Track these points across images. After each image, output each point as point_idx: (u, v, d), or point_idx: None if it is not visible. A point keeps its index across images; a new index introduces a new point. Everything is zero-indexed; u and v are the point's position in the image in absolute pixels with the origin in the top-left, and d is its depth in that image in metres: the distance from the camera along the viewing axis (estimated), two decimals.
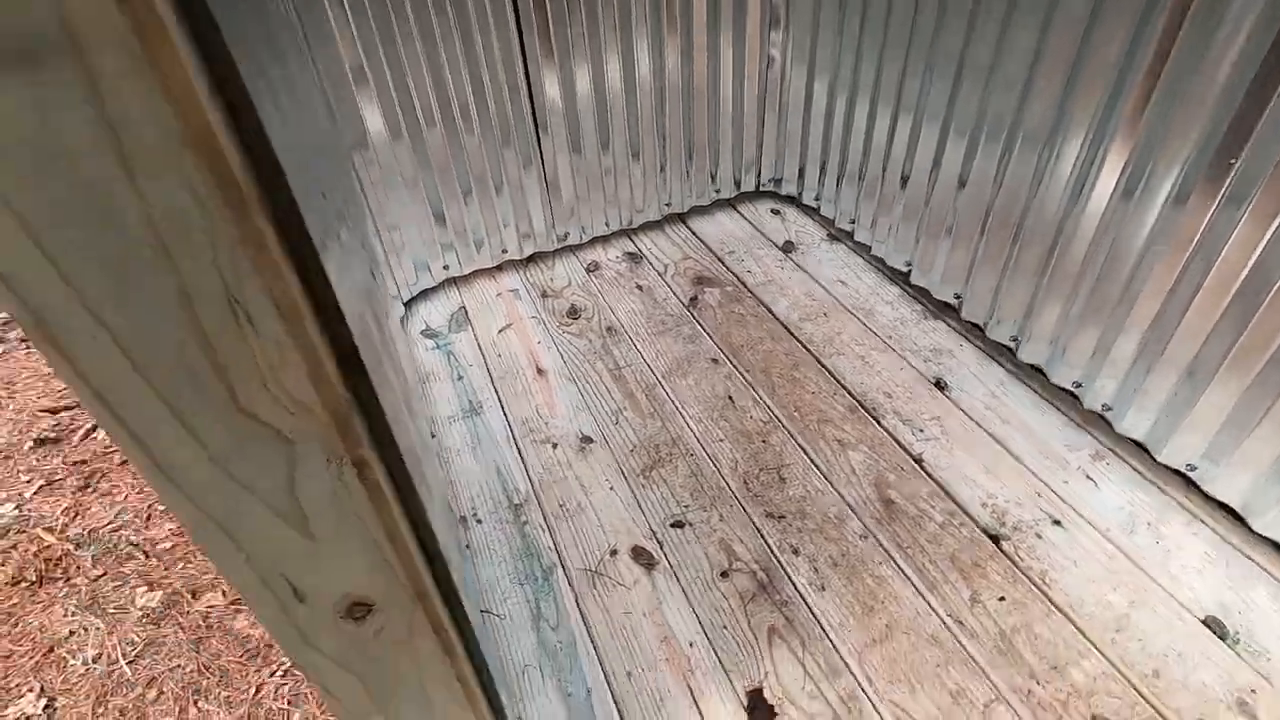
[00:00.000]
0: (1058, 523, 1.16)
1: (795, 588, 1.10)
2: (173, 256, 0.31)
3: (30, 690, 1.42)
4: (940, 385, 1.43)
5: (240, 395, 0.36)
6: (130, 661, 1.45)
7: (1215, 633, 1.00)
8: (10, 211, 0.28)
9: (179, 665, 1.41)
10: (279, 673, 1.34)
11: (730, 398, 1.44)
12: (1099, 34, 1.09)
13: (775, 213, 2.01)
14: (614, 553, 1.18)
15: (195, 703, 1.32)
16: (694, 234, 1.95)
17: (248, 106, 0.31)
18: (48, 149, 0.27)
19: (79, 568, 1.91)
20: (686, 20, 1.65)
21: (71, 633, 1.56)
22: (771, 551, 1.16)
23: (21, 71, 0.25)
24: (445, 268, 1.75)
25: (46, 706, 1.38)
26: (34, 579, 1.77)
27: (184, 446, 0.37)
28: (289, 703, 1.28)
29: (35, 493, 2.08)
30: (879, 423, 1.36)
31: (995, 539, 1.14)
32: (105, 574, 1.91)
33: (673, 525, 1.21)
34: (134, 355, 0.33)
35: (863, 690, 0.97)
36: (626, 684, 1.01)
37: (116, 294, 0.31)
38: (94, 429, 2.34)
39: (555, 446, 1.36)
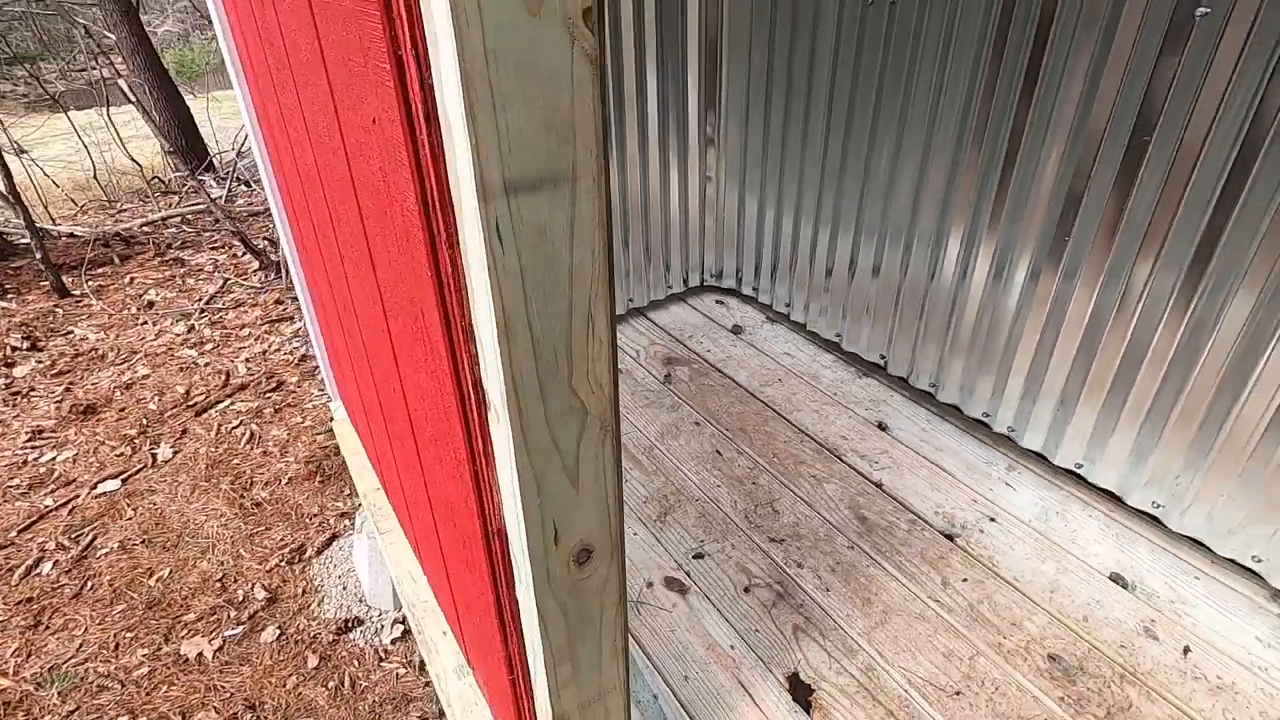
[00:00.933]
0: (993, 519, 1.47)
1: (806, 593, 1.33)
2: (574, 287, 0.54)
3: None
4: (883, 426, 1.76)
5: (574, 377, 0.59)
6: None
7: (1119, 584, 1.32)
8: (521, 274, 0.51)
9: None
10: None
11: (718, 451, 1.70)
12: (964, 161, 1.54)
13: (720, 303, 2.36)
14: (650, 585, 1.37)
15: None
16: (655, 324, 2.26)
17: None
18: (545, 231, 0.51)
19: (45, 708, 1.82)
20: (643, 145, 2.03)
21: None
22: (780, 568, 1.39)
23: (555, 187, 0.49)
24: None
25: None
26: None
27: (536, 407, 0.58)
28: None
29: None
30: (842, 459, 1.66)
31: (950, 537, 1.44)
32: (78, 709, 1.85)
33: (694, 557, 1.42)
34: (536, 339, 0.55)
35: (876, 662, 1.20)
36: (685, 686, 1.18)
37: (544, 309, 0.54)
38: (36, 564, 2.24)
39: None
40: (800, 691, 1.16)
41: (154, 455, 2.74)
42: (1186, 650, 1.20)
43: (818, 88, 1.81)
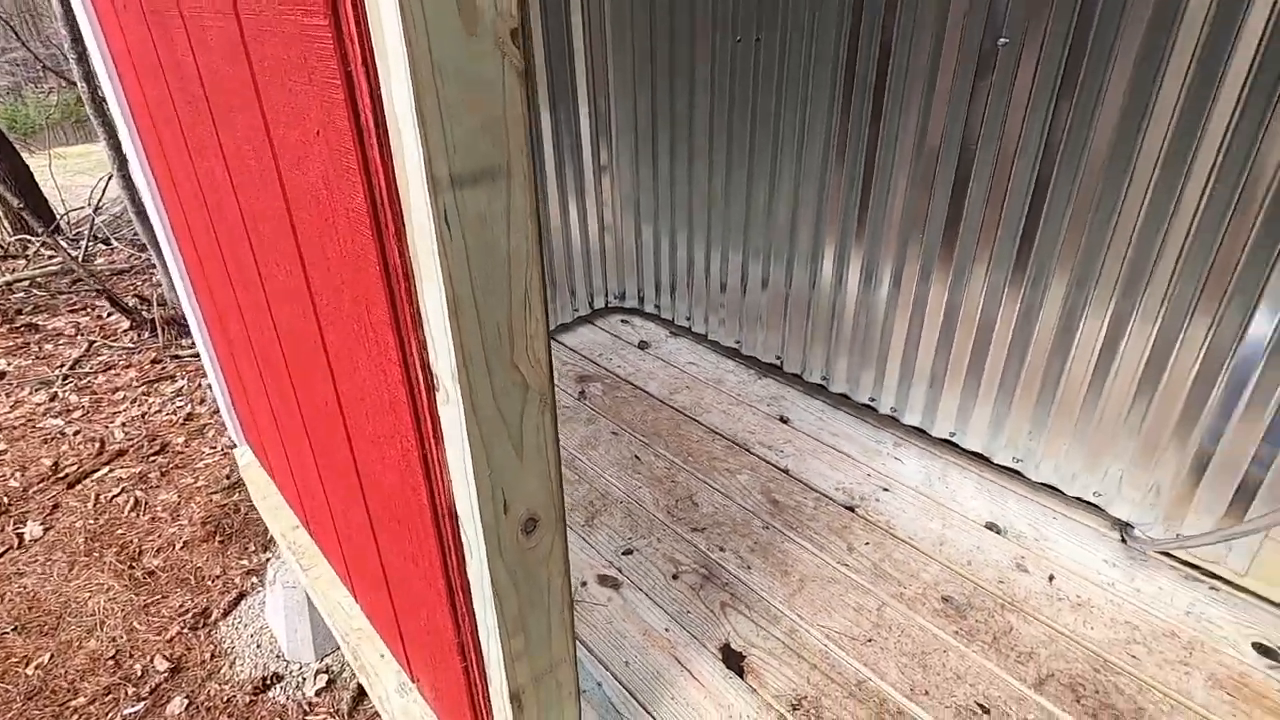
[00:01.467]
0: (886, 489, 1.64)
1: (730, 573, 1.43)
2: (512, 270, 0.62)
3: None
4: (784, 419, 1.91)
5: (515, 354, 0.66)
6: None
7: (994, 531, 1.51)
8: (467, 259, 0.58)
9: None
10: None
11: (636, 456, 1.79)
12: (829, 184, 1.74)
13: (625, 321, 2.48)
14: (584, 584, 1.43)
15: None
16: (565, 346, 2.34)
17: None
18: (486, 220, 0.59)
19: None
20: (541, 178, 2.13)
21: None
22: (704, 554, 1.48)
23: (492, 180, 0.58)
24: None
25: None
26: None
27: (484, 382, 0.65)
28: None
29: None
30: (751, 452, 1.79)
31: (851, 508, 1.59)
32: None
33: (624, 554, 1.49)
34: (482, 318, 0.62)
35: (797, 624, 1.31)
36: (626, 670, 1.24)
37: (487, 289, 0.61)
38: None
39: None
40: (733, 659, 1.25)
41: (20, 535, 2.50)
42: (1051, 578, 1.39)
43: (698, 120, 1.99)
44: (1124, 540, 1.46)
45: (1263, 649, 1.23)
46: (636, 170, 2.26)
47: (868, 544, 1.49)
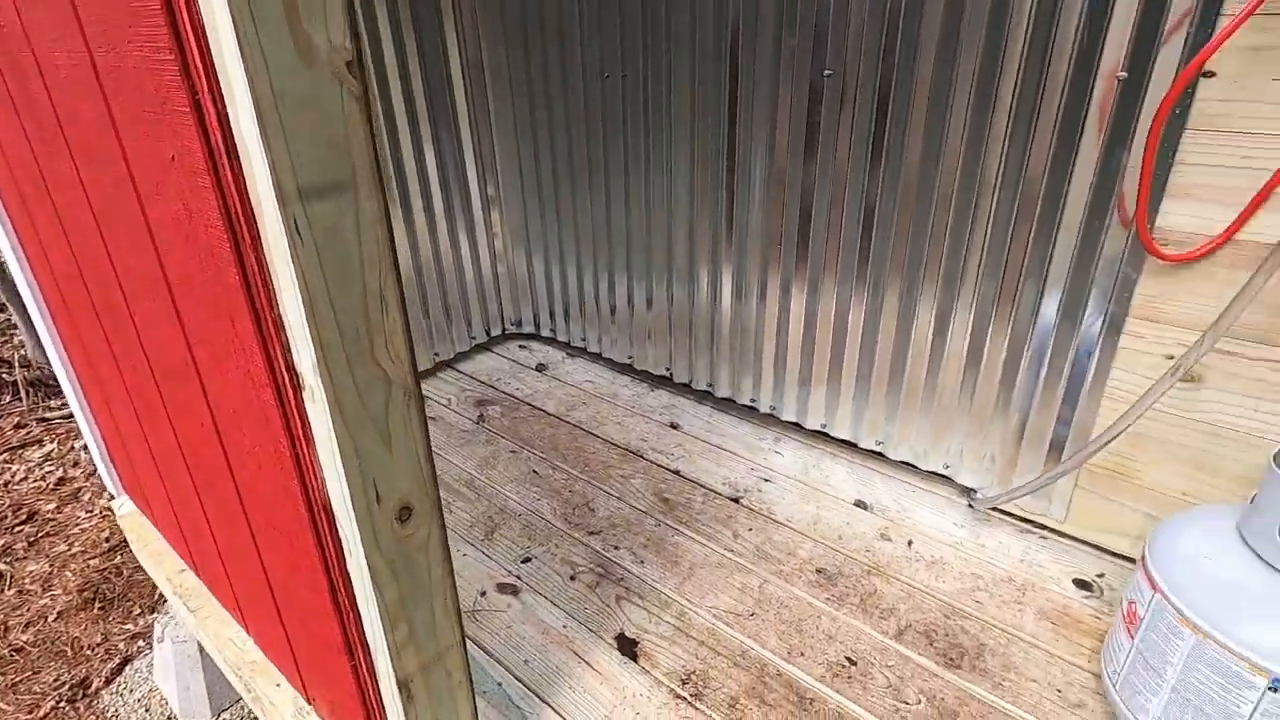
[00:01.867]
0: (767, 480, 1.78)
1: (624, 568, 1.51)
2: (365, 276, 0.70)
3: None
4: (675, 426, 2.03)
5: (375, 350, 0.73)
6: None
7: (861, 507, 1.67)
8: (320, 263, 0.65)
9: None
10: None
11: (535, 471, 1.85)
12: (697, 210, 1.90)
13: (523, 347, 2.55)
14: (483, 593, 1.47)
15: None
16: (463, 373, 2.38)
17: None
18: (336, 228, 0.66)
19: None
20: (430, 214, 2.20)
21: None
22: (600, 554, 1.56)
23: (339, 194, 0.65)
24: None
25: None
26: None
27: (346, 377, 0.71)
28: None
29: None
30: (644, 458, 1.89)
31: (735, 500, 1.71)
32: None
33: (522, 561, 1.55)
34: (339, 318, 0.69)
35: (687, 608, 1.41)
36: (525, 668, 1.29)
37: (342, 291, 0.68)
38: None
39: None
40: (627, 646, 1.32)
41: None
42: (910, 543, 1.55)
43: (577, 154, 2.12)
44: (970, 505, 1.64)
45: (1080, 583, 1.42)
46: (524, 203, 2.36)
47: (751, 530, 1.61)
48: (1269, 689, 0.86)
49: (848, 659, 1.28)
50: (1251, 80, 1.09)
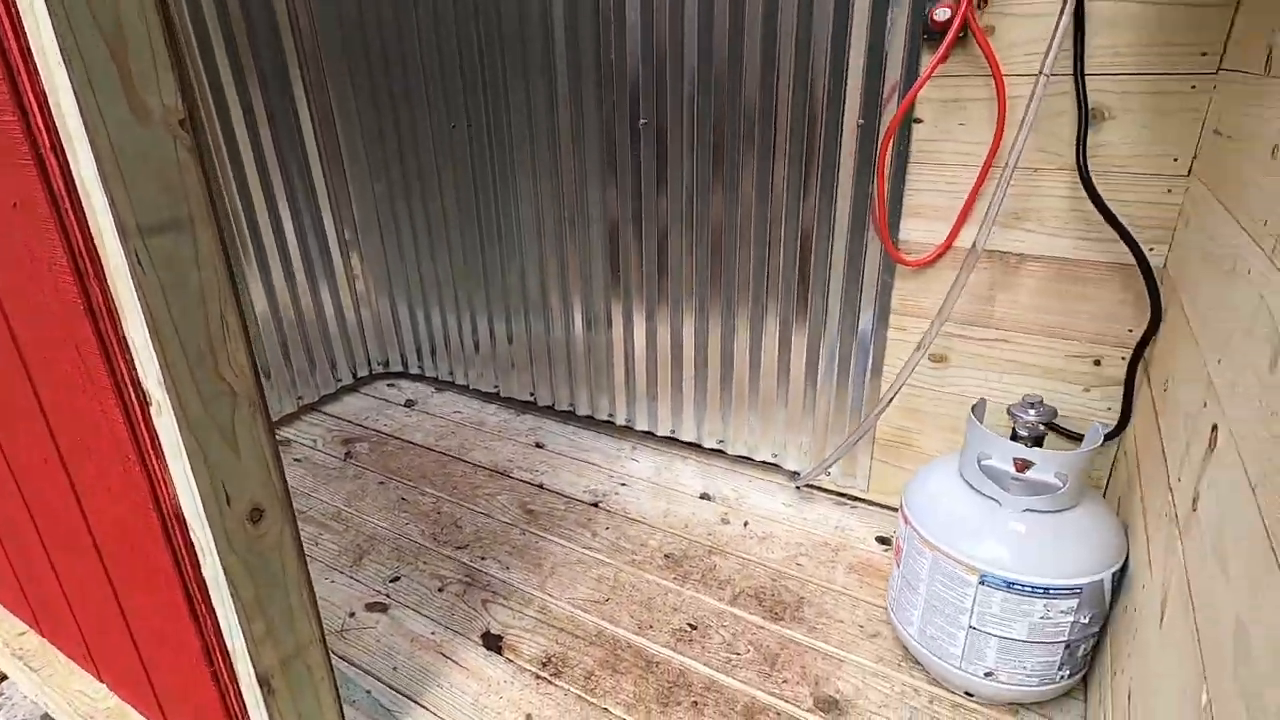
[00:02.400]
0: (624, 484, 1.95)
1: (491, 575, 1.62)
2: (206, 301, 0.80)
3: None
4: (540, 445, 2.17)
5: (219, 365, 0.83)
6: None
7: (705, 499, 1.87)
8: (162, 289, 0.75)
9: None
10: None
11: (403, 498, 1.92)
12: (546, 249, 2.08)
13: (391, 385, 2.61)
14: (352, 614, 1.52)
15: None
16: (330, 415, 2.40)
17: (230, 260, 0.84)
18: (176, 258, 0.77)
19: None
20: (287, 262, 2.24)
21: None
22: (468, 565, 1.66)
23: (176, 230, 0.76)
24: None
25: None
26: None
27: (192, 392, 0.81)
28: None
29: None
30: (510, 476, 2.01)
31: (595, 504, 1.87)
32: None
33: (391, 581, 1.62)
34: (183, 338, 0.79)
35: (548, 602, 1.54)
36: (395, 675, 1.37)
37: (184, 314, 0.78)
38: None
39: None
40: (492, 641, 1.43)
41: None
42: (746, 524, 1.77)
43: (431, 197, 2.25)
44: (796, 487, 1.89)
45: (881, 539, 1.69)
46: (384, 249, 2.45)
47: (608, 529, 1.77)
48: (979, 584, 1.11)
49: (689, 625, 1.46)
50: (945, 124, 1.42)
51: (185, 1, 1.87)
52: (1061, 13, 1.22)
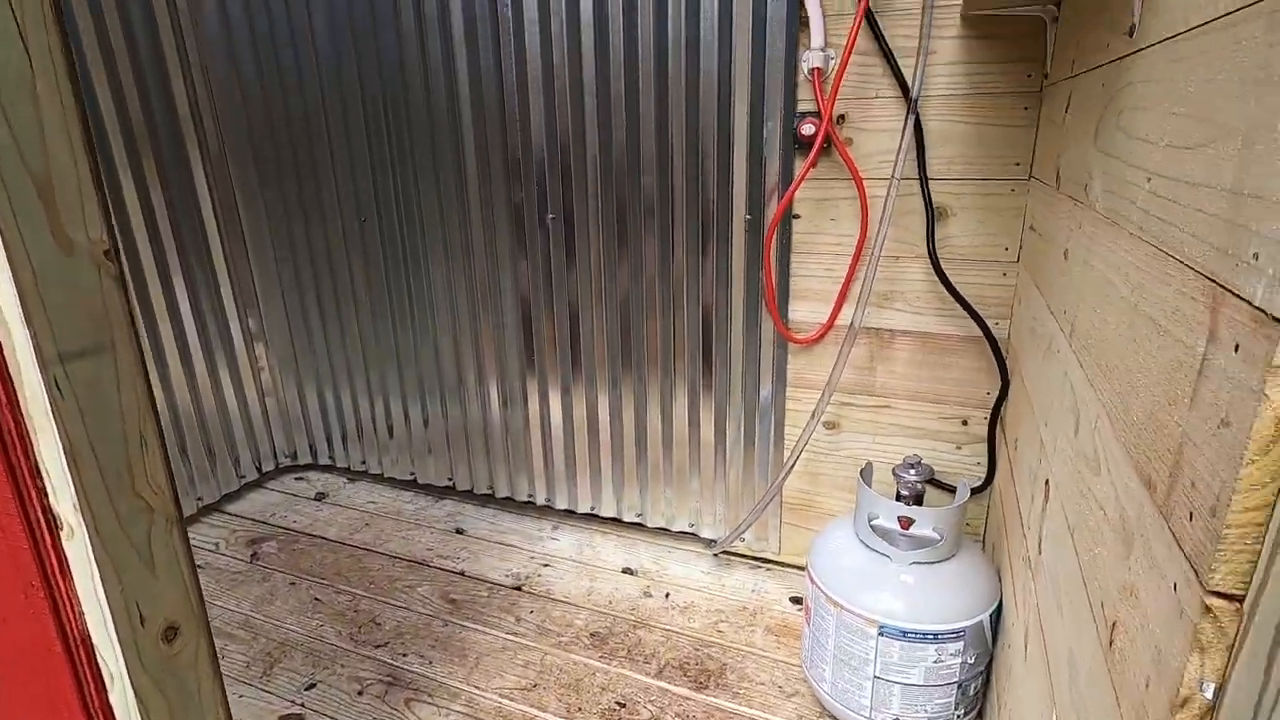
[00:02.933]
0: (547, 565, 1.97)
1: (414, 672, 1.59)
2: (125, 421, 0.81)
3: None
4: (460, 531, 2.15)
5: (137, 484, 0.83)
6: None
7: (628, 573, 1.92)
8: (80, 414, 0.76)
9: None
10: None
11: (316, 599, 1.86)
12: (461, 330, 2.14)
13: (300, 478, 2.52)
14: None
15: None
16: (233, 514, 2.30)
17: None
18: (95, 382, 0.78)
19: None
20: (186, 357, 2.18)
21: None
22: (389, 664, 1.62)
23: (97, 355, 0.78)
24: None
25: None
26: None
27: (109, 514, 0.81)
28: None
29: None
30: (430, 565, 1.98)
31: (518, 588, 1.87)
32: None
33: (307, 689, 1.55)
34: (100, 460, 0.79)
35: (475, 695, 1.52)
36: None
37: (103, 436, 0.79)
38: None
39: None
40: None
41: None
42: (668, 595, 1.82)
43: (341, 287, 2.27)
44: (714, 554, 1.97)
45: (795, 599, 1.78)
46: (291, 337, 2.42)
47: (532, 612, 1.77)
48: (879, 635, 1.22)
49: (618, 703, 1.48)
50: (820, 220, 1.62)
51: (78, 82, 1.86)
52: (904, 130, 1.44)
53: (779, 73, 1.55)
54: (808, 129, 1.52)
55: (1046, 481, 0.96)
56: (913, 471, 1.37)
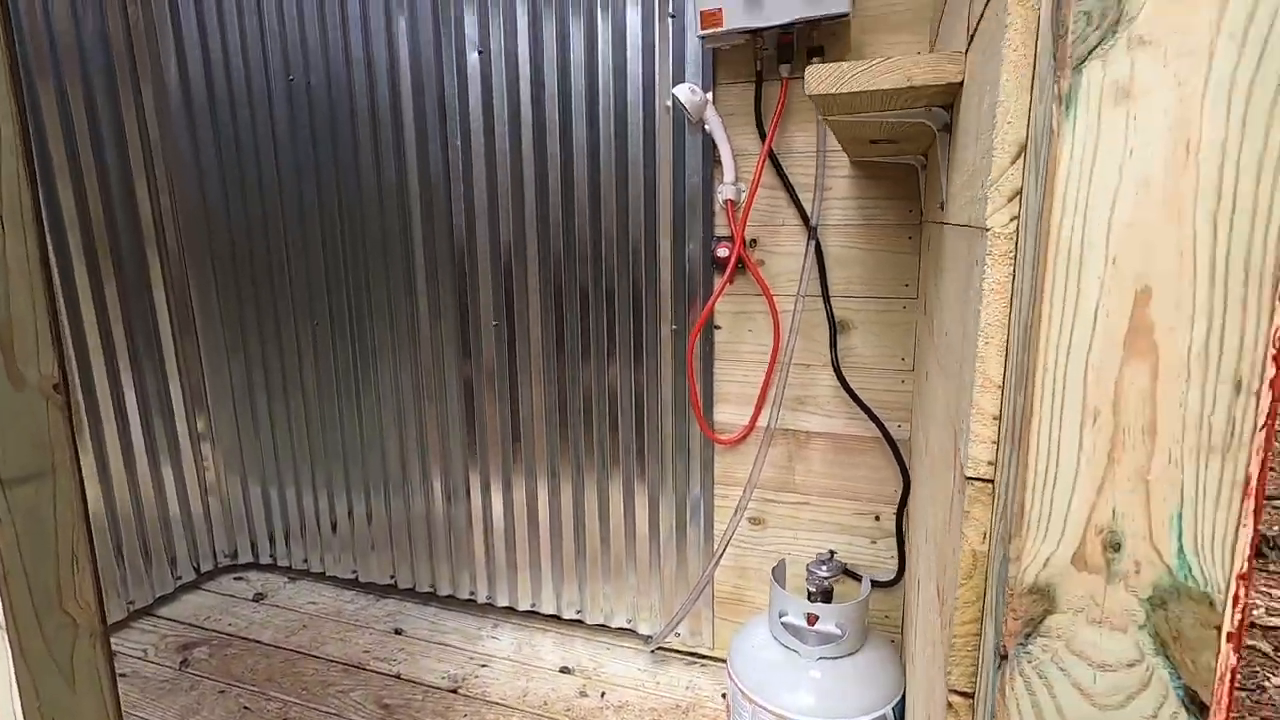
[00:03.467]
0: (484, 665, 1.97)
1: None
2: (59, 541, 0.87)
3: None
4: (399, 631, 2.14)
5: (65, 601, 0.88)
6: None
7: (566, 672, 1.93)
8: (17, 538, 0.82)
9: None
10: None
11: (246, 708, 1.82)
12: (405, 427, 2.21)
13: (239, 578, 2.49)
14: None
15: None
16: (164, 619, 2.25)
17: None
18: (35, 506, 0.84)
19: None
20: (129, 456, 2.19)
21: None
22: None
23: (39, 479, 0.84)
24: None
25: None
26: None
27: (34, 632, 0.85)
28: None
29: None
30: (365, 669, 1.97)
31: (454, 690, 1.87)
32: None
33: None
34: (31, 580, 0.84)
35: None
36: None
37: (37, 558, 0.84)
38: None
39: None
40: None
41: None
42: (603, 694, 1.84)
43: (292, 388, 2.33)
44: (651, 650, 2.00)
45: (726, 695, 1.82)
46: (239, 435, 2.45)
47: (465, 716, 1.77)
48: None
49: None
50: (738, 331, 1.77)
51: (36, 170, 1.96)
52: (805, 254, 1.62)
53: (698, 202, 1.74)
54: (723, 251, 1.70)
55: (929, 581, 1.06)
56: (824, 568, 1.46)
